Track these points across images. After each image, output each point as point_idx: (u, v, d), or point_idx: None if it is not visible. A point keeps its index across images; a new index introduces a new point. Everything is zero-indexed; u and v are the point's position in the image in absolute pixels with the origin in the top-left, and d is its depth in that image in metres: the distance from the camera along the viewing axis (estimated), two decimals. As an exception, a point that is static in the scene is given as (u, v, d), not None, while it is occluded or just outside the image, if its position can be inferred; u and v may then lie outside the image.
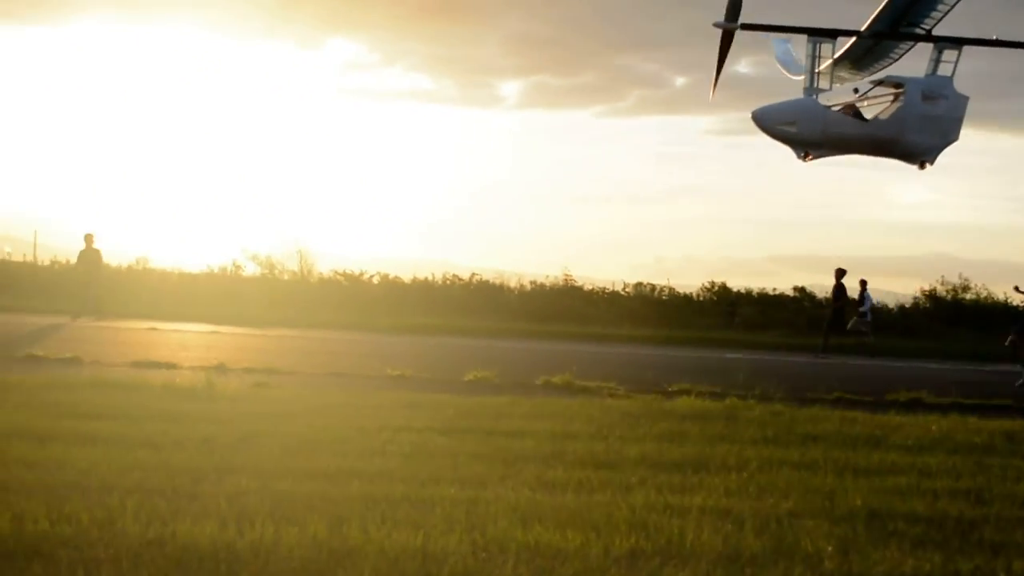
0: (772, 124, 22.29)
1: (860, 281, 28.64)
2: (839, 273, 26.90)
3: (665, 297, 37.35)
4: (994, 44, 22.87)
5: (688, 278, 38.66)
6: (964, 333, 31.24)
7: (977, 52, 22.64)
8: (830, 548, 5.59)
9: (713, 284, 35.88)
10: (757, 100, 25.60)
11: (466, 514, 6.01)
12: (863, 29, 21.70)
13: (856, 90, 23.17)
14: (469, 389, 13.27)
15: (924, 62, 22.74)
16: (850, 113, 22.90)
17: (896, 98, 22.40)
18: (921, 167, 22.86)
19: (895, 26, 21.50)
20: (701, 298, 35.81)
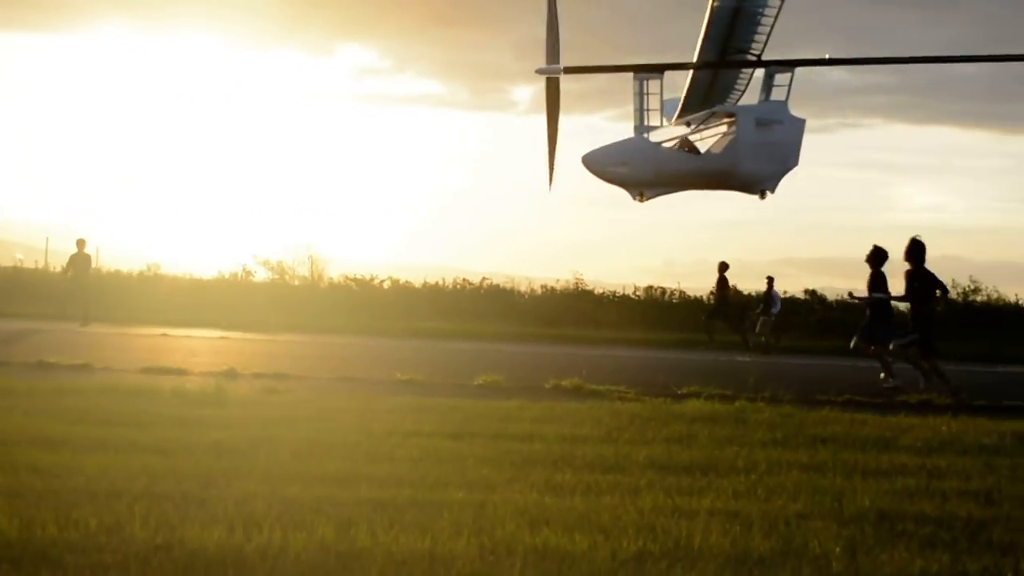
0: (603, 167, 20.78)
1: (767, 279, 28.47)
2: (722, 267, 26.94)
3: (676, 300, 37.38)
4: (825, 63, 21.61)
5: (699, 281, 38.59)
6: (975, 335, 31.18)
7: (987, 52, 21.47)
8: (838, 549, 5.58)
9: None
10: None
11: (474, 517, 6.01)
12: (694, 61, 20.44)
13: (689, 124, 21.55)
14: (478, 393, 13.29)
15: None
16: (685, 148, 21.57)
17: (729, 128, 20.95)
18: (762, 196, 21.37)
19: (723, 55, 20.21)
20: (711, 301, 35.81)
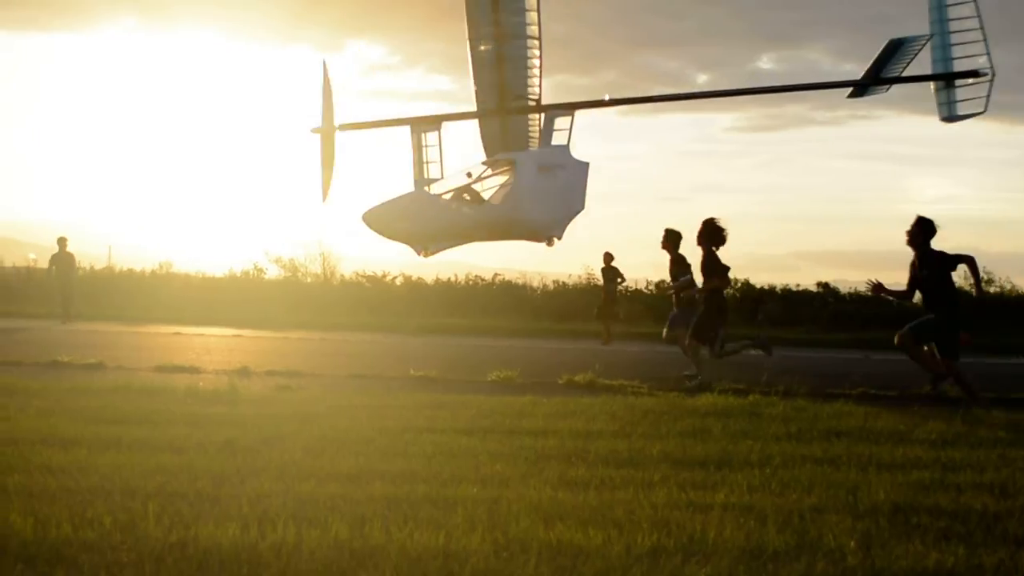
0: (383, 225, 19.46)
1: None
2: (607, 257, 26.72)
3: (689, 294, 37.21)
4: (600, 105, 20.27)
5: (711, 275, 38.34)
6: (988, 326, 31.01)
7: (995, 41, 20.17)
8: (853, 543, 5.57)
9: (736, 280, 35.63)
10: (776, 97, 23.94)
11: (488, 513, 6.01)
12: (476, 110, 19.54)
13: (469, 174, 19.96)
14: (492, 389, 13.29)
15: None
16: (465, 199, 20.20)
17: (510, 176, 19.56)
18: (549, 244, 19.91)
19: (502, 102, 19.23)
20: (724, 294, 35.69)
